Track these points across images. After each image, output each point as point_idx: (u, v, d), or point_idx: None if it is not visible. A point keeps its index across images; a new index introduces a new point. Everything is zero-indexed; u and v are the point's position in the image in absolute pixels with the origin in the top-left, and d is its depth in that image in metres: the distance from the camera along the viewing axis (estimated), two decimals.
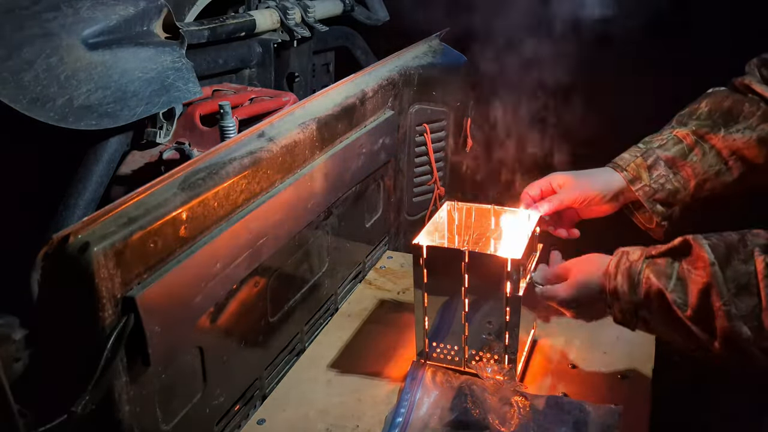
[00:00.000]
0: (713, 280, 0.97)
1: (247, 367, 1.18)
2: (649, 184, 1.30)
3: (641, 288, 1.05)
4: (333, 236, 1.43)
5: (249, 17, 1.71)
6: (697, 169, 1.30)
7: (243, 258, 1.07)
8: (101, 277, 0.82)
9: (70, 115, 1.07)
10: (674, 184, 1.30)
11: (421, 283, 1.20)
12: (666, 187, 1.30)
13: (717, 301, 0.97)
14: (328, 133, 1.31)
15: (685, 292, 1.00)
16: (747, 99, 1.30)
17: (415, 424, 1.11)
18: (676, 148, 1.31)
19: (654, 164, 1.31)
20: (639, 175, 1.30)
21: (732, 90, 1.34)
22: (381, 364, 1.28)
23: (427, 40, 1.86)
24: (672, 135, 1.32)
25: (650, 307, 1.05)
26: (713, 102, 1.33)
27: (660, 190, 1.30)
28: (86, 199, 1.14)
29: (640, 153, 1.32)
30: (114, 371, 0.85)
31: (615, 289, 1.08)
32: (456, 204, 1.35)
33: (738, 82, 1.32)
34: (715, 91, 1.35)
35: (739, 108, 1.29)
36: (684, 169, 1.30)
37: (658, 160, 1.30)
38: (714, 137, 1.29)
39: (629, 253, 1.09)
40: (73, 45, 1.11)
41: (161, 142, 1.27)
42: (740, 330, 0.95)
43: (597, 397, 1.16)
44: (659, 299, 1.03)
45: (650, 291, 1.04)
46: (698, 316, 0.99)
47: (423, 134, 1.78)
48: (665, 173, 1.30)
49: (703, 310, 0.98)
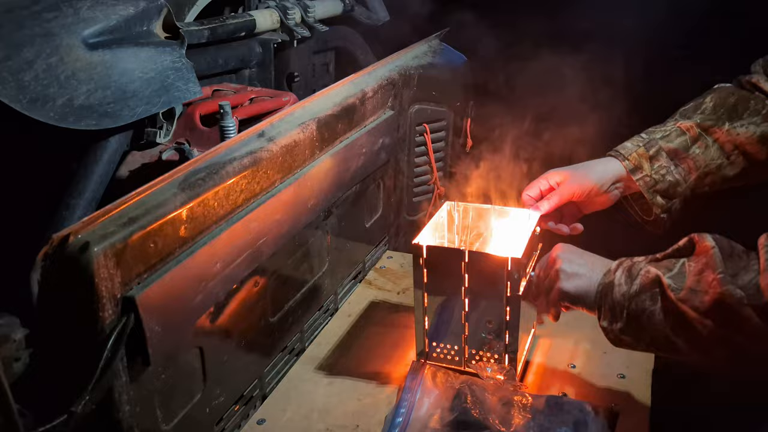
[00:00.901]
0: (711, 260, 0.97)
1: (247, 367, 1.18)
2: (650, 174, 1.29)
3: (638, 280, 1.04)
4: (333, 236, 1.43)
5: (249, 17, 1.71)
6: (699, 161, 1.30)
7: (243, 258, 1.07)
8: (101, 277, 0.82)
9: (70, 115, 1.07)
10: (675, 176, 1.30)
11: (421, 283, 1.20)
12: (667, 178, 1.30)
13: (711, 274, 0.96)
14: (328, 133, 1.31)
15: (683, 280, 1.00)
16: (753, 96, 1.30)
17: (415, 424, 1.11)
18: (679, 140, 1.30)
19: (656, 155, 1.30)
20: (640, 164, 1.30)
21: (737, 87, 1.33)
22: (381, 364, 1.28)
23: (427, 40, 1.86)
24: (675, 127, 1.31)
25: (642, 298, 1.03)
26: (718, 97, 1.32)
27: (661, 181, 1.30)
28: (86, 199, 1.14)
29: (642, 143, 1.31)
30: (114, 371, 0.85)
31: (611, 282, 1.07)
32: (456, 204, 1.35)
33: (744, 80, 1.32)
34: (721, 87, 1.35)
35: (744, 105, 1.29)
36: (686, 161, 1.30)
37: (660, 151, 1.30)
38: (718, 131, 1.29)
39: (634, 257, 1.09)
40: (73, 45, 1.11)
41: (161, 142, 1.27)
42: (733, 292, 0.94)
43: (597, 397, 1.16)
44: (654, 285, 1.02)
45: (646, 280, 1.03)
46: (690, 294, 0.98)
47: (423, 134, 1.78)
48: (667, 164, 1.30)
49: (696, 287, 0.97)
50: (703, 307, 0.97)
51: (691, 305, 0.98)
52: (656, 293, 1.02)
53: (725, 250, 0.99)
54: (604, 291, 1.08)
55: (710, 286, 0.96)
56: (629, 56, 1.85)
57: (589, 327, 1.31)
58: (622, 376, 1.22)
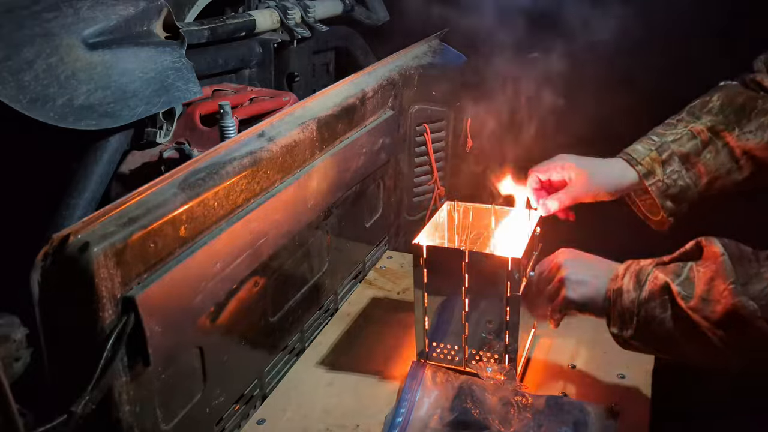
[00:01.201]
0: (721, 268, 0.96)
1: (247, 367, 1.18)
2: (663, 179, 1.28)
3: (647, 286, 1.03)
4: (333, 236, 1.43)
5: (249, 17, 1.71)
6: (709, 167, 1.29)
7: (243, 258, 1.07)
8: (101, 277, 0.82)
9: (70, 115, 1.07)
10: (686, 180, 1.29)
11: (421, 283, 1.20)
12: (678, 183, 1.29)
13: (722, 284, 0.95)
14: (328, 133, 1.31)
15: (692, 287, 0.98)
16: (760, 96, 1.29)
17: (415, 424, 1.11)
18: (691, 144, 1.29)
19: (668, 159, 1.29)
20: (653, 169, 1.28)
21: (743, 85, 1.33)
22: (381, 364, 1.28)
23: (427, 40, 1.86)
24: (687, 130, 1.30)
25: (652, 305, 1.02)
26: (726, 96, 1.31)
27: (672, 186, 1.29)
28: (86, 199, 1.14)
29: (654, 147, 1.30)
30: (114, 371, 0.85)
31: (620, 288, 1.06)
32: (456, 204, 1.35)
33: (748, 79, 1.31)
34: (728, 85, 1.34)
35: (752, 105, 1.28)
36: (696, 166, 1.29)
37: (672, 155, 1.29)
38: (728, 135, 1.28)
39: (640, 260, 1.08)
40: (73, 45, 1.11)
41: (161, 142, 1.27)
42: (746, 304, 0.93)
43: (597, 397, 1.16)
44: (663, 293, 1.01)
45: (655, 287, 1.02)
46: (701, 304, 0.96)
47: (423, 134, 1.78)
48: (678, 169, 1.29)
49: (707, 296, 0.96)
50: (714, 317, 0.96)
51: (702, 315, 0.97)
52: (666, 300, 1.01)
53: (734, 255, 0.97)
54: (612, 297, 1.07)
55: (722, 296, 0.95)
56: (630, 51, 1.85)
57: (589, 327, 1.31)
58: (622, 376, 1.22)
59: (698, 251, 1.02)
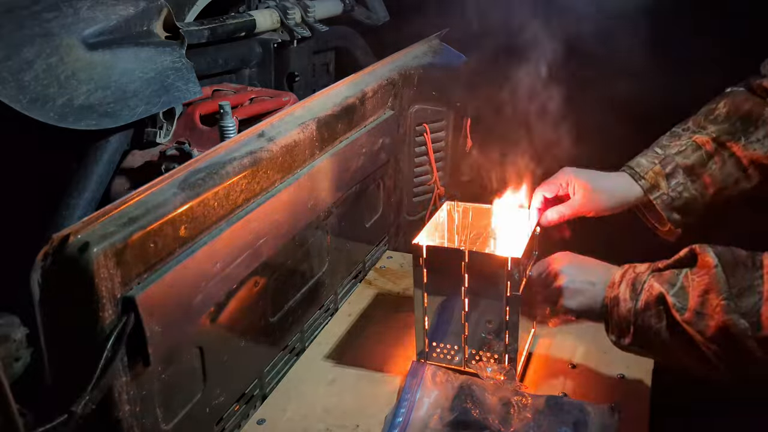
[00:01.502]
0: (714, 280, 0.96)
1: (247, 367, 1.18)
2: (668, 192, 1.28)
3: (642, 296, 1.03)
4: (333, 236, 1.43)
5: (249, 17, 1.71)
6: (716, 177, 1.28)
7: (243, 258, 1.07)
8: (101, 277, 0.82)
9: (70, 115, 1.07)
10: (692, 192, 1.28)
11: (421, 283, 1.20)
12: (683, 195, 1.28)
13: (715, 299, 0.96)
14: (328, 133, 1.31)
15: (686, 298, 0.99)
16: (766, 103, 1.27)
17: (415, 424, 1.11)
18: (696, 155, 1.28)
19: (673, 172, 1.28)
20: (657, 183, 1.28)
21: (749, 92, 1.31)
22: (381, 364, 1.28)
23: (427, 40, 1.86)
24: (691, 141, 1.29)
25: (648, 314, 1.02)
26: (732, 103, 1.30)
27: (677, 198, 1.28)
28: (86, 199, 1.14)
29: (658, 160, 1.29)
30: (114, 371, 0.85)
31: (617, 297, 1.06)
32: (456, 204, 1.35)
33: (755, 84, 1.30)
34: (734, 91, 1.32)
35: (758, 112, 1.27)
36: (702, 177, 1.28)
37: (677, 168, 1.28)
38: (735, 145, 1.26)
39: (636, 266, 1.08)
40: (73, 45, 1.11)
41: (161, 142, 1.27)
42: (737, 322, 0.93)
43: (597, 397, 1.16)
44: (659, 303, 1.01)
45: (651, 297, 1.02)
46: (695, 318, 0.97)
47: (423, 134, 1.78)
48: (683, 181, 1.28)
49: (701, 310, 0.97)
50: (708, 332, 0.96)
51: (696, 329, 0.97)
52: (661, 311, 1.01)
53: (728, 264, 0.97)
54: (609, 306, 1.07)
55: (714, 311, 0.95)
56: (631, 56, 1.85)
57: (589, 326, 1.31)
58: (622, 375, 1.22)
59: (693, 258, 1.02)
